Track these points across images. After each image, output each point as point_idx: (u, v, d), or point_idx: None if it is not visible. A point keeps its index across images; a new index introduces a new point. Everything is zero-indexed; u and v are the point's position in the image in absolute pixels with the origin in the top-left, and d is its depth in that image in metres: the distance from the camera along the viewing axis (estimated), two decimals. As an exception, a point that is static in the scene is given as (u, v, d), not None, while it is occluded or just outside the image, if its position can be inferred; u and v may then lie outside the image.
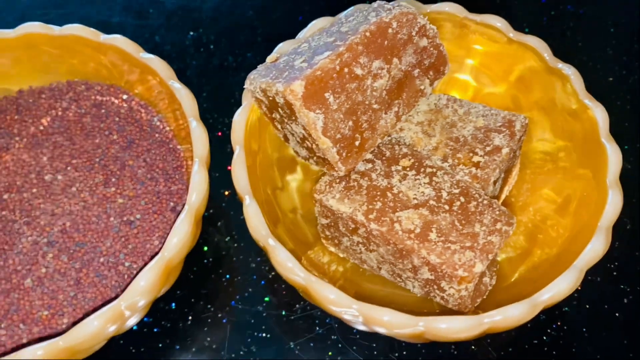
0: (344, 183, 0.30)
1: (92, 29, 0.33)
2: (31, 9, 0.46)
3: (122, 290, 0.29)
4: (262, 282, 0.35)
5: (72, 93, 0.35)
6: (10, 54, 0.34)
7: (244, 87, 0.31)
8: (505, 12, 0.39)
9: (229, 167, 0.30)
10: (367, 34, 0.28)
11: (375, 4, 0.31)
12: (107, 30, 0.35)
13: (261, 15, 0.46)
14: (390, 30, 0.28)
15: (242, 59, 0.44)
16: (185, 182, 0.32)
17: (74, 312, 0.28)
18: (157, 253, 0.30)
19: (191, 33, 0.45)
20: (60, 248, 0.29)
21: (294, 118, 0.28)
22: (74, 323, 0.28)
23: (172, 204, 0.31)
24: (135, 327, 0.33)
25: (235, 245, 0.36)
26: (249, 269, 0.35)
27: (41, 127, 0.34)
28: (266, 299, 0.34)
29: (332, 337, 0.33)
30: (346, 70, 0.27)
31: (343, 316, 0.26)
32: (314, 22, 0.34)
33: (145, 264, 0.30)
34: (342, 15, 0.32)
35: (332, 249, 0.33)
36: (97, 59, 0.35)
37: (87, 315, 0.28)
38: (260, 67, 0.31)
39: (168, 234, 0.30)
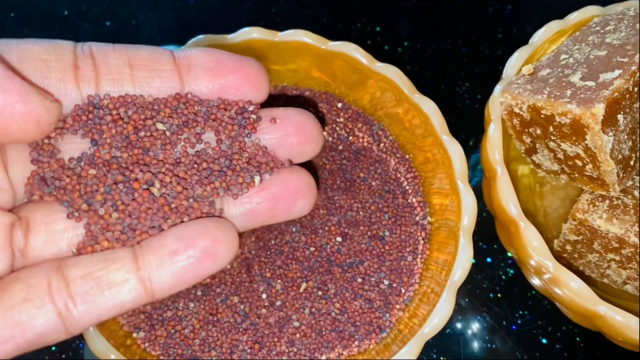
0: (607, 202, 0.29)
1: (318, 35, 0.31)
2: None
3: (388, 314, 0.28)
4: (477, 291, 0.35)
5: (283, 99, 0.33)
6: None
7: (500, 99, 0.29)
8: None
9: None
10: (654, 50, 0.27)
11: (631, 12, 0.30)
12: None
13: (425, 4, 0.44)
14: (671, 45, 0.27)
15: (412, 52, 0.42)
16: (422, 194, 0.31)
17: (339, 339, 0.28)
18: (412, 270, 0.29)
19: (357, 24, 0.43)
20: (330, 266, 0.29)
21: (574, 138, 0.27)
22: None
23: (416, 217, 0.31)
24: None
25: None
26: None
27: None
28: (485, 308, 0.34)
29: (557, 346, 0.33)
30: (636, 89, 0.26)
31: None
32: (545, 27, 0.32)
33: (404, 283, 0.29)
34: (592, 23, 0.31)
35: (565, 262, 0.32)
36: (311, 65, 0.33)
37: (353, 342, 0.28)
38: (517, 80, 0.29)
39: (419, 249, 0.30)
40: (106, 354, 0.25)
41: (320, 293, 0.29)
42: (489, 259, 0.35)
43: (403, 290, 0.29)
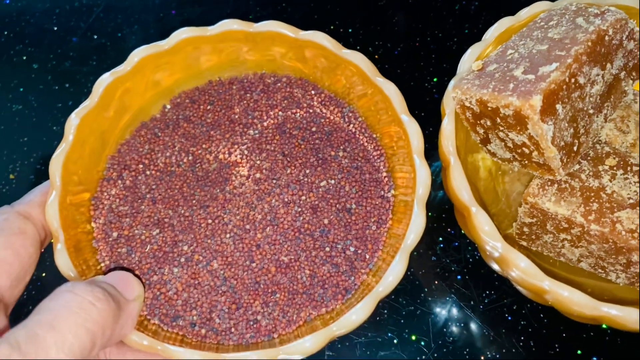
0: (556, 185, 0.31)
1: (290, 25, 0.34)
2: (165, 8, 0.46)
3: (353, 277, 0.31)
4: (446, 274, 0.37)
5: (262, 85, 0.36)
6: (204, 50, 0.35)
7: (452, 95, 0.31)
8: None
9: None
10: (589, 43, 0.29)
11: (573, 7, 0.32)
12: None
13: (395, 4, 0.46)
14: (607, 38, 0.29)
15: (383, 50, 0.44)
16: (387, 170, 0.34)
17: (309, 300, 0.31)
18: (377, 238, 0.32)
19: (331, 27, 0.45)
20: (300, 237, 0.32)
21: (518, 128, 0.29)
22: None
23: (380, 191, 0.33)
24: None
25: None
26: (431, 263, 0.37)
27: (235, 116, 0.35)
28: (453, 290, 0.36)
29: (522, 322, 0.35)
30: (573, 80, 0.28)
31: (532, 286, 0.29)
32: (497, 23, 0.35)
33: (368, 250, 0.32)
34: (537, 19, 0.33)
35: (524, 243, 0.34)
36: (287, 54, 0.36)
37: (322, 303, 0.31)
38: (468, 75, 0.31)
39: (383, 219, 0.33)
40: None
41: (292, 259, 0.31)
42: (456, 243, 0.38)
43: (368, 256, 0.32)
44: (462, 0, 0.46)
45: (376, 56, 0.44)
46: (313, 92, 0.36)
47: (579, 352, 0.35)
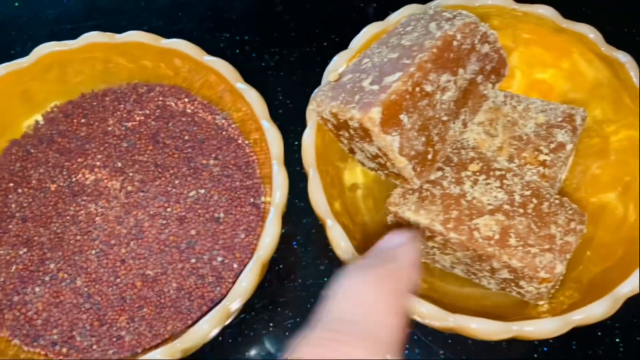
0: (417, 194, 0.31)
1: (152, 34, 0.34)
2: (60, 24, 0.45)
3: (219, 287, 0.31)
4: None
5: (135, 95, 0.36)
6: (72, 63, 0.35)
7: (310, 107, 0.31)
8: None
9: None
10: (434, 50, 0.28)
11: (431, 11, 0.31)
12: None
13: (292, 9, 0.46)
14: (455, 43, 0.29)
15: (279, 57, 0.44)
16: (259, 176, 0.34)
17: (176, 313, 0.30)
18: (246, 246, 0.32)
19: (226, 35, 0.44)
20: (163, 249, 0.31)
21: (368, 140, 0.29)
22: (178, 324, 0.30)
23: (251, 199, 0.33)
24: (219, 337, 0.35)
25: (303, 249, 0.38)
26: (319, 272, 0.37)
27: (109, 129, 0.35)
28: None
29: (414, 336, 0.35)
30: (417, 89, 0.28)
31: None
32: (365, 29, 0.34)
33: (236, 258, 0.32)
34: (398, 25, 0.32)
35: (403, 250, 0.34)
36: (157, 63, 0.36)
37: (189, 315, 0.30)
38: (324, 87, 0.31)
39: (252, 227, 0.33)
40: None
41: (159, 273, 0.31)
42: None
43: (235, 265, 0.31)
44: (359, 3, 0.45)
45: (272, 63, 0.43)
46: (186, 99, 0.36)
47: (464, 358, 0.34)
